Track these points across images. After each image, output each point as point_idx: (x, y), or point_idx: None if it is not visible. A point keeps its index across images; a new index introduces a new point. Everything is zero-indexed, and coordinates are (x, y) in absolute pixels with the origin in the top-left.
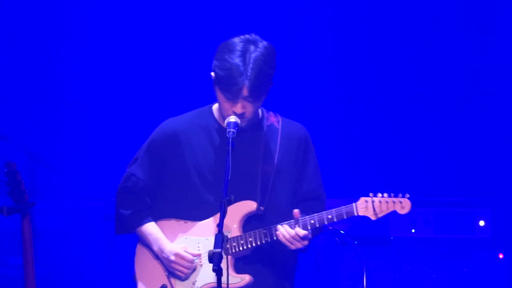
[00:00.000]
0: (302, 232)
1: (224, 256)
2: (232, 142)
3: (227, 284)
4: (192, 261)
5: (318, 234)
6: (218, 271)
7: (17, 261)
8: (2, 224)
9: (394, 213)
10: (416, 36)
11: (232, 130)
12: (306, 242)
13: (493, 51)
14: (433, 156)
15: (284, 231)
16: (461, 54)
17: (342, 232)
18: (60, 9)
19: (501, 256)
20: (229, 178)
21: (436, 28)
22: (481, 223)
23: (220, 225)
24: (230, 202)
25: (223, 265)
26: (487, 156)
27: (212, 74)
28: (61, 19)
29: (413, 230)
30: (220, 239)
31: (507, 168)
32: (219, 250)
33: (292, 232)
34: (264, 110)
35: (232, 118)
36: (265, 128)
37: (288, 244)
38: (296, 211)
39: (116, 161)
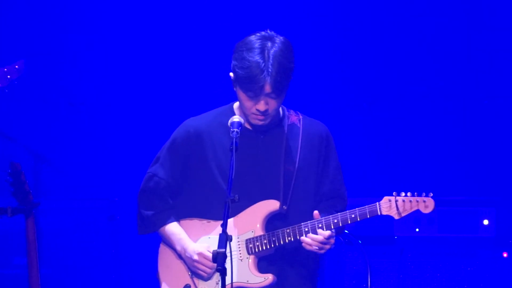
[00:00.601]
0: (327, 233)
1: (228, 256)
2: (236, 142)
3: (230, 282)
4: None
5: (339, 233)
6: (222, 271)
7: (21, 261)
8: (6, 225)
9: (417, 212)
10: (425, 35)
11: (236, 130)
12: (332, 241)
13: (496, 50)
14: (437, 155)
15: (309, 240)
16: (464, 53)
17: (346, 231)
18: (65, 8)
19: (505, 255)
20: (232, 177)
21: (447, 24)
22: (485, 222)
23: (224, 225)
24: (234, 202)
25: (227, 265)
26: (492, 155)
27: (231, 74)
28: (66, 18)
29: (417, 229)
30: (224, 239)
31: (511, 167)
32: (223, 250)
33: (319, 237)
34: (285, 109)
35: (236, 118)
36: (286, 127)
37: (316, 250)
38: (316, 212)
39: (120, 162)
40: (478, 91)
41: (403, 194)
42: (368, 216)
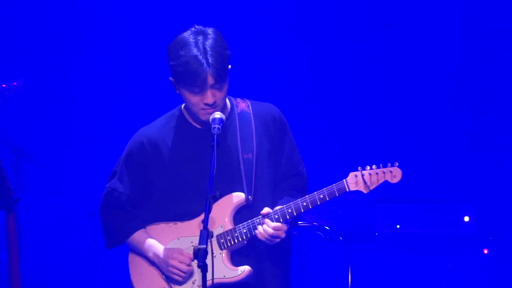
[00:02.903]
0: (277, 225)
1: (209, 252)
2: (217, 139)
3: (212, 279)
4: (189, 262)
5: (297, 220)
6: (203, 267)
7: (2, 257)
8: None
9: (386, 183)
10: (406, 32)
11: (217, 126)
12: (283, 235)
13: (479, 46)
14: (418, 151)
15: (262, 231)
16: (446, 49)
17: (327, 228)
18: (45, 5)
19: (485, 251)
20: (214, 173)
21: (422, 22)
22: (466, 218)
23: (205, 221)
24: (215, 198)
25: (209, 261)
26: (472, 151)
27: (171, 79)
28: (46, 15)
29: (398, 226)
30: (205, 235)
31: (492, 164)
32: (204, 246)
33: (269, 230)
34: (232, 98)
35: (217, 115)
36: (237, 116)
37: (267, 241)
38: (265, 210)
39: (101, 158)
40: (459, 88)
41: (368, 167)
42: (337, 194)
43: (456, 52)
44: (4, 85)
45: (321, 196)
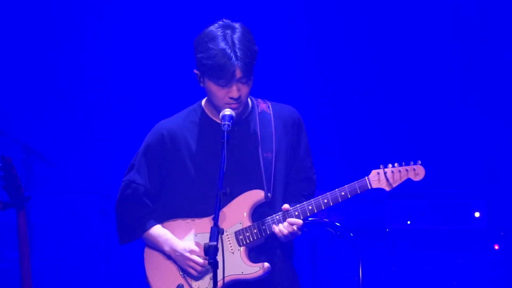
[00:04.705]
0: (299, 222)
1: (221, 248)
2: (227, 135)
3: (223, 276)
4: (205, 257)
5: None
6: (214, 264)
7: (13, 255)
8: None
9: (408, 181)
10: (412, 29)
11: (227, 123)
12: (299, 232)
13: (486, 42)
14: (428, 147)
15: (282, 228)
16: (454, 47)
17: (337, 224)
18: (56, 5)
19: (496, 247)
20: (224, 170)
21: (428, 19)
22: (477, 214)
23: (215, 218)
24: (226, 195)
25: (219, 258)
26: (483, 147)
27: (196, 71)
28: (56, 15)
29: (408, 222)
30: (216, 232)
31: (502, 159)
32: (215, 243)
33: (289, 227)
34: (253, 98)
35: (227, 111)
36: (257, 115)
37: (282, 239)
38: (285, 206)
39: (112, 155)
40: (468, 84)
41: (390, 165)
42: (359, 192)
43: (465, 50)
44: None
45: (343, 193)
